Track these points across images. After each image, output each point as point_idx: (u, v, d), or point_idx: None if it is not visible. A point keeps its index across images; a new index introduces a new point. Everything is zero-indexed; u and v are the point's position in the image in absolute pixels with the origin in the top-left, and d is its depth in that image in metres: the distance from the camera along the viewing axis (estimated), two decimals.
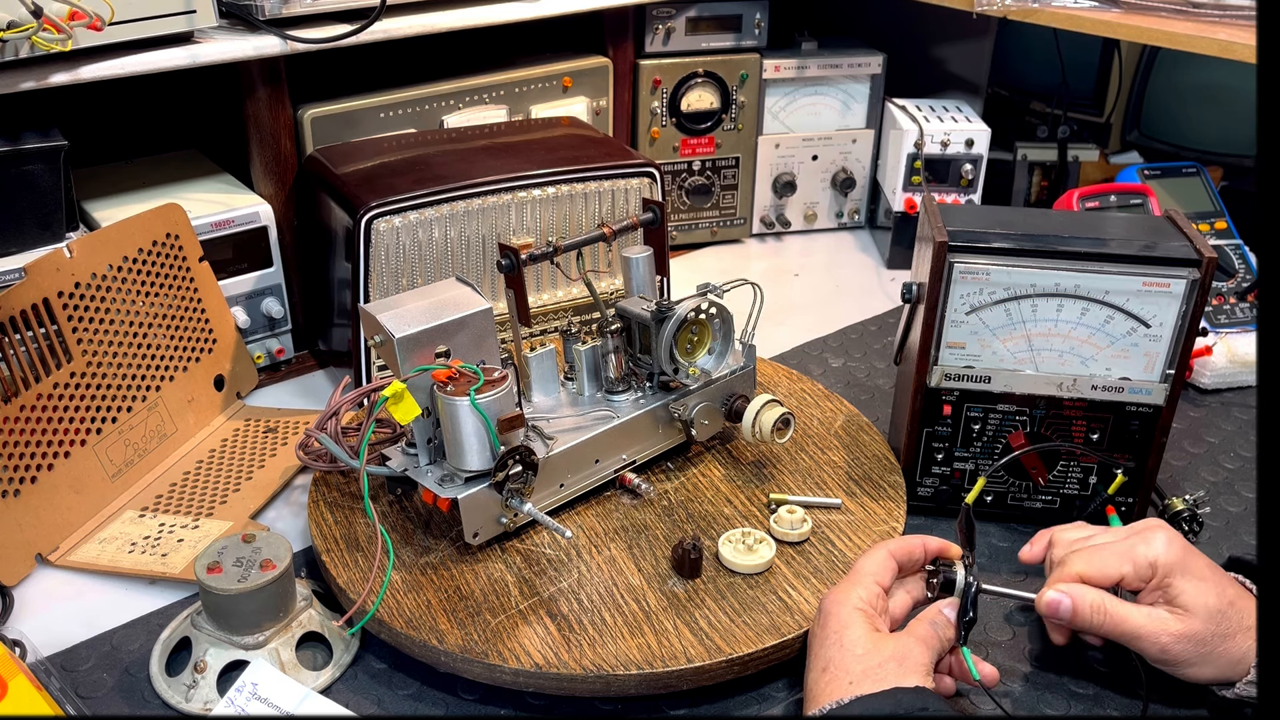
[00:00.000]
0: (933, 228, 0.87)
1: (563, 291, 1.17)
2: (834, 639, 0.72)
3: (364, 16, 1.09)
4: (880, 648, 0.70)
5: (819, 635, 0.73)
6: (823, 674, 0.70)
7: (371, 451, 0.89)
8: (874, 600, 0.74)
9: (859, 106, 1.48)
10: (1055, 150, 1.46)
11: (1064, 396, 0.89)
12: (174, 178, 1.16)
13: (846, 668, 0.69)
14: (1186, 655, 0.72)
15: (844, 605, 0.73)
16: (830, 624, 0.73)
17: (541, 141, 1.17)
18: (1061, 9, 1.19)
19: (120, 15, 0.94)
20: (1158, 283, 0.83)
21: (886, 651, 0.70)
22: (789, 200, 1.50)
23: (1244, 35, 1.06)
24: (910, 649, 0.70)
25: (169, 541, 0.91)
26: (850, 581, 0.76)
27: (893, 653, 0.70)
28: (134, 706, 0.77)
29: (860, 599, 0.74)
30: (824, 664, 0.71)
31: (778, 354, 1.22)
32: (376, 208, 1.01)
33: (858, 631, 0.71)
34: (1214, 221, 1.27)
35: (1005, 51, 1.58)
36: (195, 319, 1.06)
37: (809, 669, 0.73)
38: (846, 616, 0.73)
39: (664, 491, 0.94)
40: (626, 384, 0.95)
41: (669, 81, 1.39)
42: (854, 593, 0.74)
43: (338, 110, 1.16)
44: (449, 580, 0.83)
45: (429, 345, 0.83)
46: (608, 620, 0.79)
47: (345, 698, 0.77)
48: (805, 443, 1.00)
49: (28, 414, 0.89)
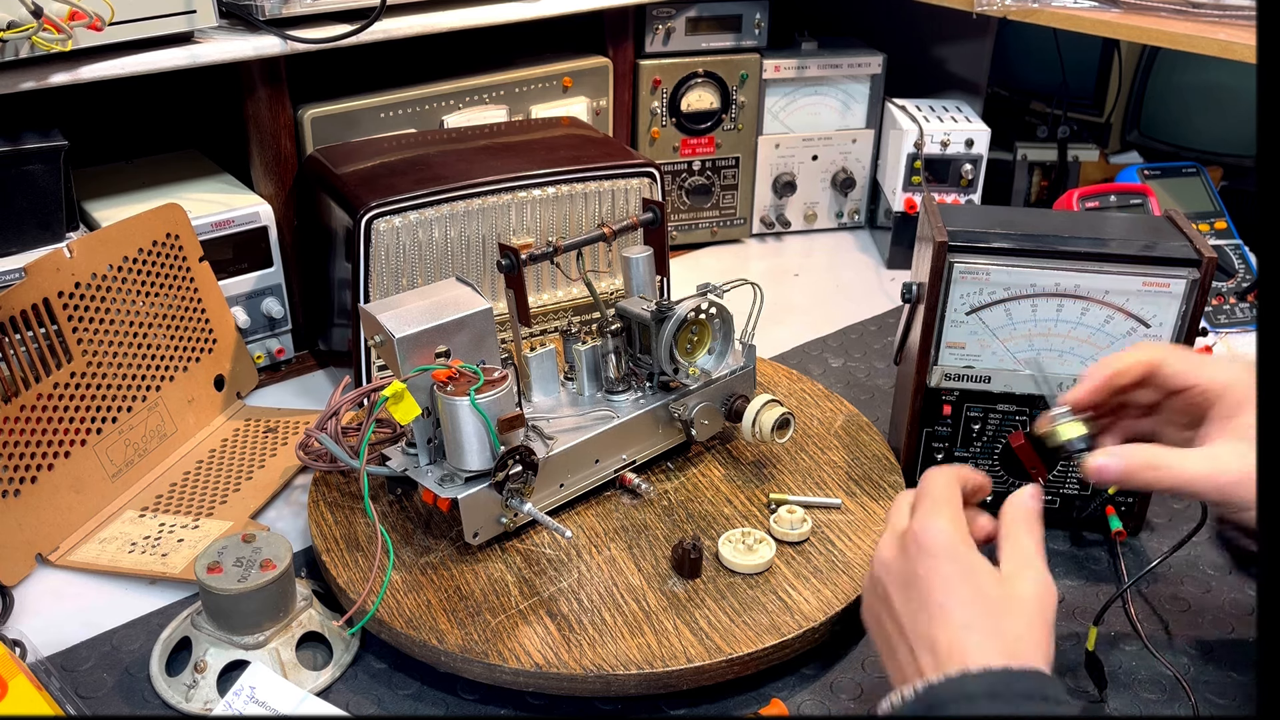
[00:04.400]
0: (933, 228, 0.87)
1: (563, 291, 1.17)
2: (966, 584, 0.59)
3: (364, 16, 1.09)
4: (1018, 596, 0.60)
5: (932, 578, 0.60)
6: (965, 631, 0.58)
7: (371, 451, 0.89)
8: (964, 526, 0.64)
9: (859, 106, 1.48)
10: (1055, 150, 1.46)
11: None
12: (174, 178, 1.16)
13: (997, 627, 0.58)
14: (1247, 493, 0.63)
15: (955, 539, 0.61)
16: (946, 564, 0.60)
17: (541, 141, 1.17)
18: (1061, 9, 1.19)
19: (120, 15, 0.94)
20: (1158, 283, 0.83)
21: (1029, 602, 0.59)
22: (789, 200, 1.50)
23: (1244, 35, 1.06)
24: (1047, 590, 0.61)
25: (169, 541, 0.91)
26: (935, 508, 0.64)
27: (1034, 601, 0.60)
28: (134, 706, 0.77)
29: (956, 523, 0.62)
30: (964, 620, 0.58)
31: (778, 354, 1.22)
32: (376, 208, 1.01)
33: (987, 572, 0.60)
34: (1214, 221, 1.27)
35: (1005, 51, 1.58)
36: (195, 319, 1.06)
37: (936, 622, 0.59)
38: (967, 554, 0.61)
39: (664, 491, 0.94)
40: (626, 384, 0.95)
41: (669, 81, 1.39)
42: (946, 517, 0.62)
43: (338, 110, 1.16)
44: (449, 580, 0.83)
45: (429, 345, 0.83)
46: (608, 620, 0.79)
47: (345, 698, 0.77)
48: (805, 443, 1.00)
49: (28, 414, 0.89)
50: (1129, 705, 0.77)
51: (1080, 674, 0.78)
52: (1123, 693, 0.78)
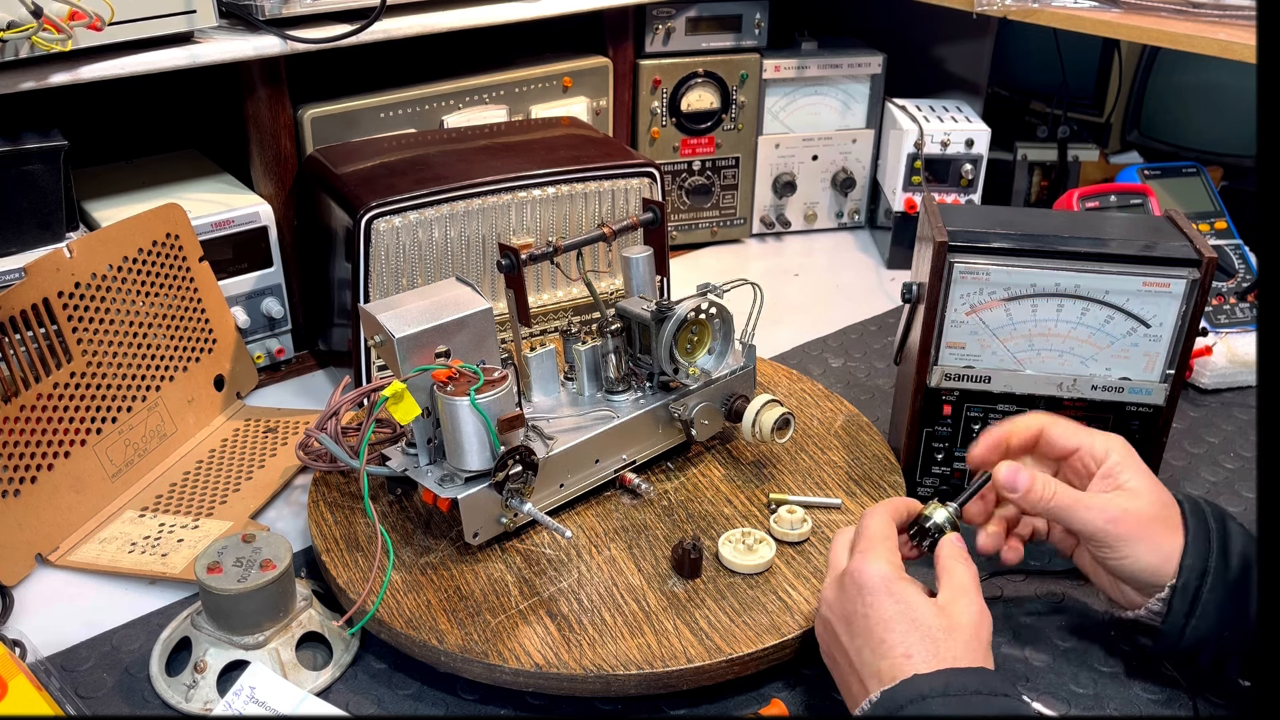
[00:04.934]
0: (933, 228, 0.87)
1: (563, 291, 1.17)
2: (903, 619, 0.66)
3: (364, 16, 1.09)
4: (955, 622, 0.66)
5: (872, 615, 0.67)
6: (906, 660, 0.64)
7: (371, 451, 0.89)
8: (900, 563, 0.71)
9: (859, 106, 1.48)
10: (1055, 150, 1.46)
11: (1064, 396, 0.89)
12: (174, 178, 1.16)
13: (936, 652, 0.64)
14: (1131, 531, 0.73)
15: (890, 577, 0.68)
16: (886, 601, 0.67)
17: (541, 141, 1.17)
18: (1061, 9, 1.19)
19: (120, 15, 0.94)
20: (1158, 283, 0.83)
21: (965, 626, 0.66)
22: (789, 200, 1.50)
23: (1244, 35, 1.06)
24: (981, 616, 0.67)
25: (169, 541, 0.91)
26: (872, 548, 0.71)
27: (970, 625, 0.66)
28: (134, 706, 0.77)
29: (892, 564, 0.69)
30: (905, 650, 0.65)
31: (778, 354, 1.22)
32: (376, 208, 1.01)
33: (923, 604, 0.67)
34: (1214, 221, 1.27)
35: (1005, 51, 1.58)
36: (195, 319, 1.06)
37: (878, 655, 0.66)
38: (904, 590, 0.67)
39: (664, 491, 0.94)
40: (626, 384, 0.95)
41: (669, 81, 1.39)
42: (883, 559, 0.69)
43: (338, 110, 1.16)
44: (449, 580, 0.83)
45: (429, 345, 0.83)
46: (608, 620, 0.79)
47: (345, 698, 0.77)
48: (805, 443, 1.00)
49: (28, 414, 0.89)
50: (1129, 705, 0.77)
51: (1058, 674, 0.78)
52: (1122, 692, 0.78)
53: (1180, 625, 0.72)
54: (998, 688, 0.63)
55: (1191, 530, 0.73)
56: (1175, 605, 0.72)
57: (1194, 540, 0.73)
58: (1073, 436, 0.78)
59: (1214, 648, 0.72)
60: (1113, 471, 0.76)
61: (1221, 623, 0.71)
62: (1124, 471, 0.75)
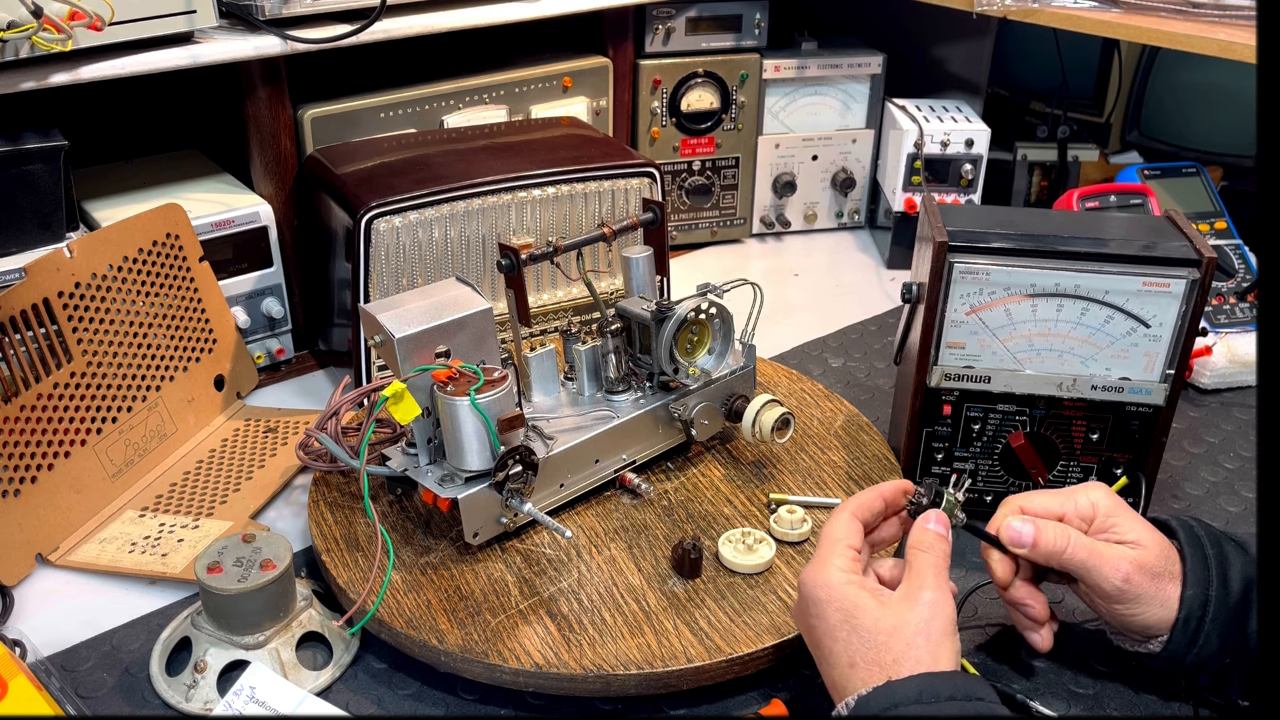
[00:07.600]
0: (933, 228, 0.87)
1: (563, 291, 1.17)
2: (844, 626, 0.66)
3: (364, 16, 1.09)
4: (901, 621, 0.65)
5: (819, 626, 0.68)
6: (851, 670, 0.65)
7: (371, 451, 0.89)
8: (855, 567, 0.70)
9: (859, 106, 1.48)
10: (1055, 150, 1.46)
11: (1064, 396, 0.89)
12: (174, 178, 1.16)
13: (878, 658, 0.64)
14: (1143, 588, 0.72)
15: (835, 585, 0.68)
16: (829, 610, 0.67)
17: (541, 141, 1.17)
18: (1061, 9, 1.19)
19: (120, 15, 0.94)
20: (1158, 283, 0.83)
21: (910, 624, 0.65)
22: (789, 200, 1.50)
23: (1244, 35, 1.06)
24: (933, 610, 0.66)
25: (169, 541, 0.91)
26: (825, 555, 0.70)
27: (917, 623, 0.65)
28: (134, 706, 0.77)
29: (842, 569, 0.69)
30: (849, 659, 0.65)
31: (778, 354, 1.22)
32: (376, 208, 1.01)
33: (867, 608, 0.66)
34: (1214, 221, 1.27)
35: (1005, 51, 1.58)
36: (195, 319, 1.06)
37: (828, 665, 0.67)
38: (849, 595, 0.67)
39: (664, 491, 0.94)
40: (626, 384, 0.95)
41: (669, 81, 1.39)
42: (833, 565, 0.69)
43: (338, 110, 1.16)
44: (449, 580, 0.83)
45: (429, 345, 0.83)
46: (608, 620, 0.79)
47: (345, 698, 0.77)
48: (805, 443, 1.00)
49: (28, 414, 0.89)
50: (1129, 705, 0.77)
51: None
52: (1122, 692, 0.78)
53: (1181, 654, 0.72)
54: (973, 692, 0.63)
55: (1189, 561, 0.73)
56: (1176, 636, 0.72)
57: (1193, 570, 0.72)
58: (1054, 504, 0.76)
59: (1214, 668, 0.72)
60: (1107, 525, 0.75)
61: (1223, 648, 0.71)
62: (1120, 523, 0.74)
